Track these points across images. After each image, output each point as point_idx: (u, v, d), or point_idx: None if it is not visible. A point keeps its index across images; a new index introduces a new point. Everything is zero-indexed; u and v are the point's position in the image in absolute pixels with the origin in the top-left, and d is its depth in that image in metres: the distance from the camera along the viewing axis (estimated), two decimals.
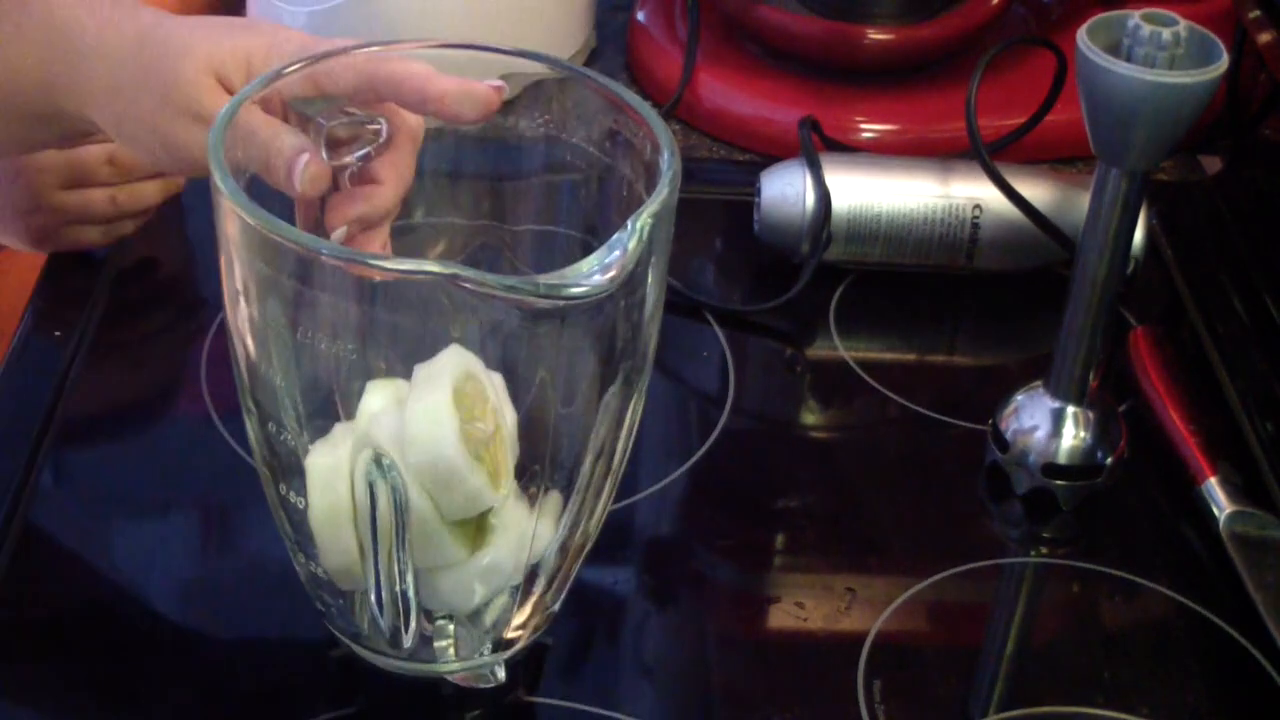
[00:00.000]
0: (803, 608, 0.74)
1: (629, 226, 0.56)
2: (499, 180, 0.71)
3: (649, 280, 0.60)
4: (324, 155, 0.65)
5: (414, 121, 0.67)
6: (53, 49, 0.70)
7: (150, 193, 0.90)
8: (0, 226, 0.90)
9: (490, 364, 0.62)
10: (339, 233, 0.67)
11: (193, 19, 0.70)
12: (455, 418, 0.59)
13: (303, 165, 0.64)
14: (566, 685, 0.69)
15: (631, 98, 0.64)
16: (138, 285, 0.91)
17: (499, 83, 0.65)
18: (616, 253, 0.55)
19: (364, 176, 0.67)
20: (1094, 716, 0.70)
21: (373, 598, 0.62)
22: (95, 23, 0.69)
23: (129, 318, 0.89)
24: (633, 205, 0.58)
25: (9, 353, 0.84)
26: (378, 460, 0.58)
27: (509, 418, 0.62)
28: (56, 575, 0.74)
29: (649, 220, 0.56)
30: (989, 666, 0.74)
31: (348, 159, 0.66)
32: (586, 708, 0.68)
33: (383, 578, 0.61)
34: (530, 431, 0.63)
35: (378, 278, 0.57)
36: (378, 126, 0.66)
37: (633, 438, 0.64)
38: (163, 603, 0.73)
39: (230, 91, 0.67)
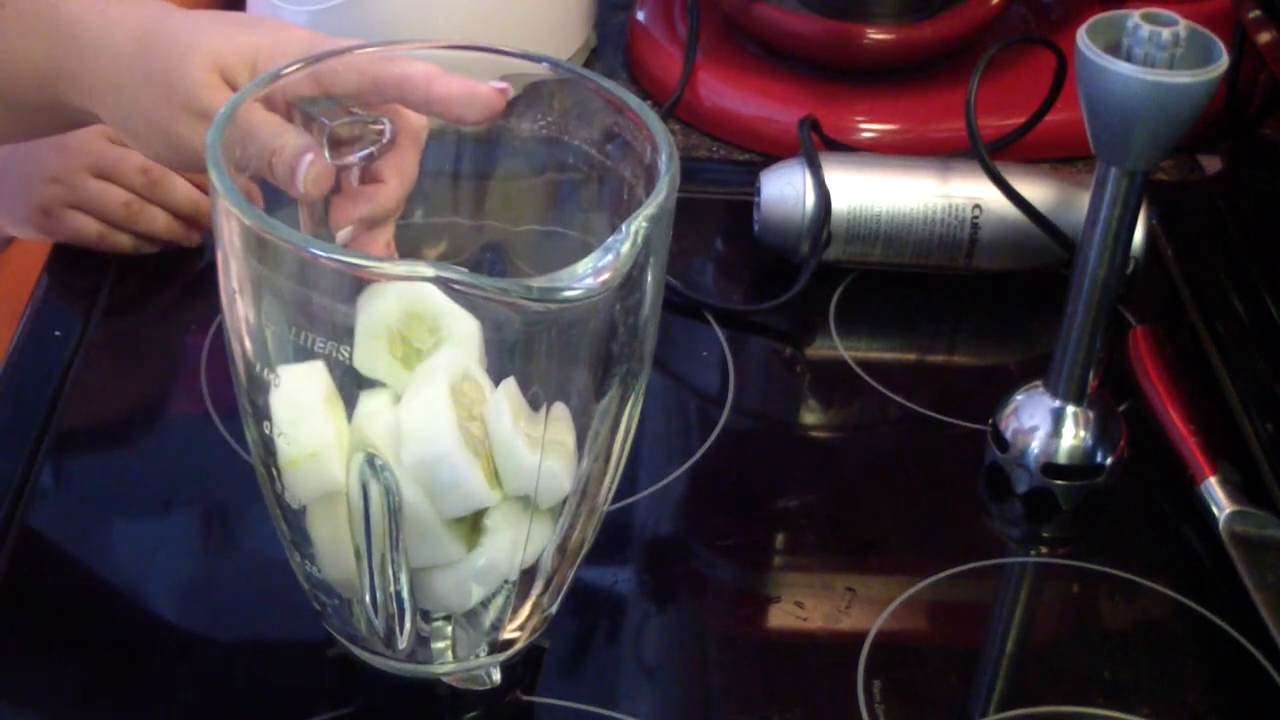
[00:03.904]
0: (803, 608, 0.74)
1: (623, 230, 0.56)
2: (500, 180, 0.71)
3: (646, 282, 0.59)
4: (327, 155, 0.65)
5: (418, 122, 0.67)
6: (56, 41, 0.70)
7: (158, 220, 0.90)
8: (6, 194, 0.90)
9: (487, 365, 0.62)
10: (344, 233, 0.67)
11: (198, 14, 0.70)
12: (453, 413, 0.59)
13: (305, 166, 0.64)
14: (566, 685, 0.69)
15: (632, 100, 0.64)
16: (138, 284, 0.91)
17: (503, 84, 0.65)
18: (610, 256, 0.55)
19: (367, 176, 0.67)
20: (1094, 716, 0.70)
21: (367, 598, 0.62)
22: (99, 16, 0.69)
23: (129, 317, 0.89)
24: (632, 207, 0.58)
25: (9, 353, 0.84)
26: (370, 461, 0.58)
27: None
28: (56, 575, 0.74)
29: (643, 224, 0.56)
30: (989, 666, 0.74)
31: (350, 159, 0.66)
32: (586, 707, 0.68)
33: (376, 579, 0.61)
34: None
35: (369, 279, 0.57)
36: (381, 127, 0.66)
37: (630, 439, 0.64)
38: (162, 602, 0.73)
39: (234, 89, 0.67)
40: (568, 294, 0.54)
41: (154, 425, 0.84)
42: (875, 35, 1.04)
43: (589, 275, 0.54)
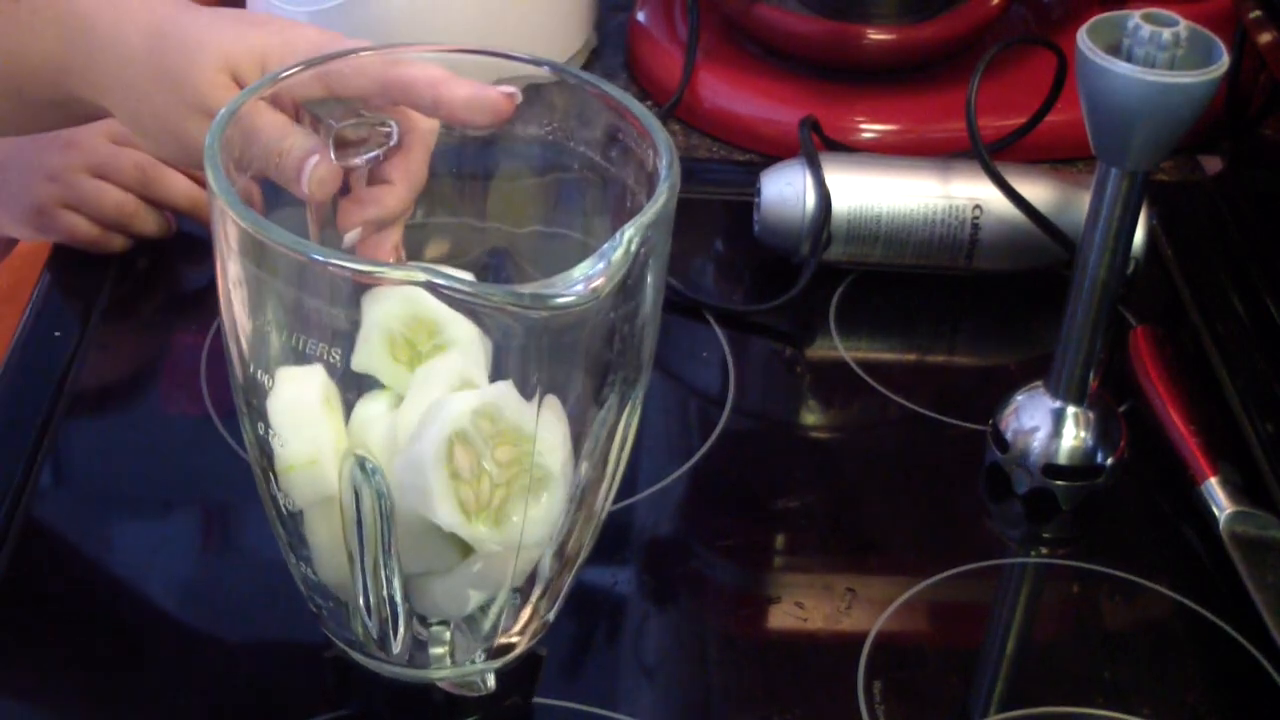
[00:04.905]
0: (803, 608, 0.74)
1: (617, 237, 0.55)
2: (505, 181, 0.71)
3: (645, 288, 0.59)
4: (332, 156, 0.65)
5: (426, 124, 0.67)
6: (69, 37, 0.70)
7: (150, 223, 0.90)
8: (4, 192, 0.90)
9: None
10: (351, 235, 0.67)
11: (208, 12, 0.70)
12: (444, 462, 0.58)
13: (311, 167, 0.64)
14: (565, 685, 0.69)
15: (634, 104, 0.64)
16: (138, 284, 0.91)
17: (511, 89, 0.65)
18: (602, 264, 0.54)
19: (375, 179, 0.67)
20: (1094, 716, 0.70)
21: (361, 602, 0.62)
22: (112, 12, 0.69)
23: (129, 317, 0.89)
24: (634, 212, 0.58)
25: (9, 353, 0.84)
26: (361, 464, 0.58)
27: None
28: (56, 575, 0.74)
29: (637, 232, 0.55)
30: (989, 666, 0.74)
31: (356, 161, 0.66)
32: (585, 708, 0.68)
33: (369, 583, 0.61)
34: None
35: (362, 283, 0.57)
36: (388, 129, 0.66)
37: (629, 447, 0.64)
38: (161, 603, 0.73)
39: (243, 89, 0.67)
40: (559, 300, 0.54)
41: (154, 425, 0.84)
42: (875, 35, 1.04)
43: (580, 282, 0.54)
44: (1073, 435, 0.78)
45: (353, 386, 0.61)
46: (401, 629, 0.62)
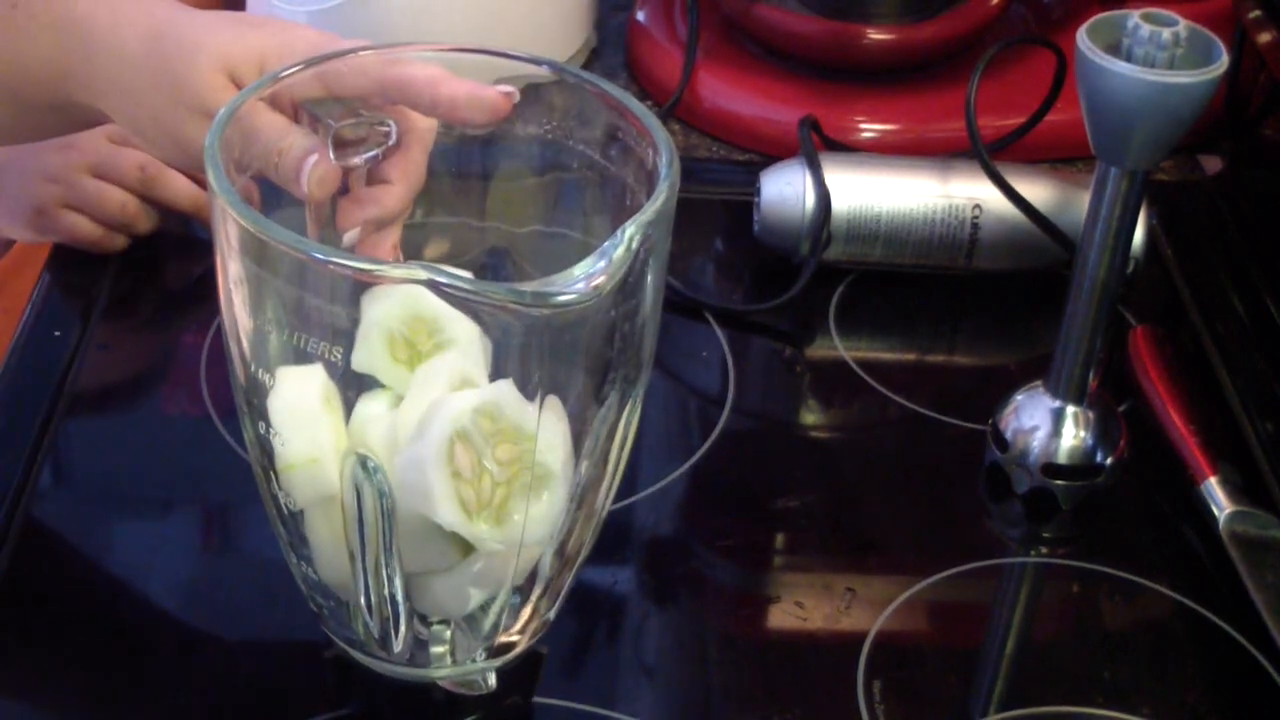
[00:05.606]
0: (803, 608, 0.74)
1: (618, 235, 0.55)
2: (504, 181, 0.71)
3: (645, 287, 0.59)
4: (331, 156, 0.65)
5: (424, 124, 0.67)
6: (67, 42, 0.70)
7: (152, 223, 0.90)
8: (4, 193, 0.90)
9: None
10: (351, 235, 0.67)
11: (207, 14, 0.70)
12: (446, 458, 0.58)
13: (310, 166, 0.64)
14: (565, 684, 0.69)
15: (633, 103, 0.64)
16: (138, 285, 0.91)
17: (509, 88, 0.65)
18: (603, 262, 0.54)
19: (374, 178, 0.67)
20: (1094, 716, 0.70)
21: (362, 601, 0.62)
22: (109, 16, 0.69)
23: (129, 317, 0.89)
24: (634, 211, 0.58)
25: (9, 353, 0.84)
26: (363, 463, 0.58)
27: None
28: (56, 575, 0.74)
29: (638, 229, 0.55)
30: (989, 666, 0.74)
31: (355, 160, 0.66)
32: (585, 707, 0.68)
33: (370, 582, 0.61)
34: None
35: (363, 281, 0.57)
36: (387, 128, 0.66)
37: (629, 445, 0.64)
38: (161, 602, 0.73)
39: (241, 90, 0.67)
40: (560, 299, 0.54)
41: (154, 425, 0.84)
42: (875, 35, 1.04)
43: (581, 280, 0.54)
44: (1072, 435, 0.78)
45: (353, 385, 0.61)
46: (402, 628, 0.62)
